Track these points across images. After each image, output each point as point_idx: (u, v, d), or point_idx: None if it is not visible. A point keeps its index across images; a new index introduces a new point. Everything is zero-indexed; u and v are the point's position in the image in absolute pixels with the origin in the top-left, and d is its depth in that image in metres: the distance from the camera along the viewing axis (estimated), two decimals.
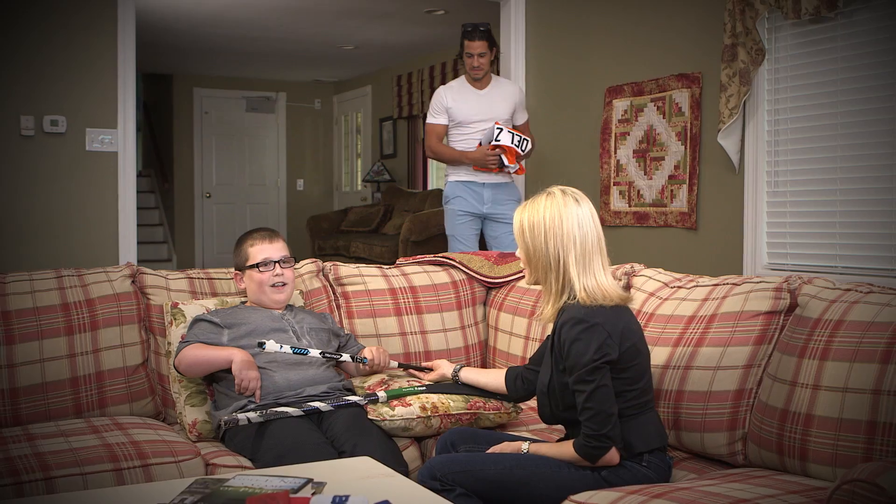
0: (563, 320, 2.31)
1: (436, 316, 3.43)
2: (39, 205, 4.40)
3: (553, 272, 2.34)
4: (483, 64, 4.84)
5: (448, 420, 2.76)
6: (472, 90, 4.92)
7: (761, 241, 4.00)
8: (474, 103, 4.89)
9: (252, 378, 2.73)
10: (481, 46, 4.83)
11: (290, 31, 8.08)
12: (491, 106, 4.88)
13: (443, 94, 4.95)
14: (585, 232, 2.33)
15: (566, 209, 2.33)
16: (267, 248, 3.01)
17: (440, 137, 4.98)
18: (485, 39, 4.82)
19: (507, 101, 4.91)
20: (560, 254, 2.32)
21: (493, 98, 4.91)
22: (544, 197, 2.38)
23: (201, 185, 10.93)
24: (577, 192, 2.40)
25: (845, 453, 2.16)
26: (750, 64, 3.87)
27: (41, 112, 4.38)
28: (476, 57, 4.83)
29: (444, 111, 4.92)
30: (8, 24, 4.29)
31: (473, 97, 4.90)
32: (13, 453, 2.43)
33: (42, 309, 2.92)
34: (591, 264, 2.33)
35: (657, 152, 4.48)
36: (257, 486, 1.95)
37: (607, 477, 2.28)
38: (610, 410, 2.25)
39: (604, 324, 2.27)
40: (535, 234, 2.35)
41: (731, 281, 2.72)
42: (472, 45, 4.84)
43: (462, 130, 4.91)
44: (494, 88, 4.95)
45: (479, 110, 4.87)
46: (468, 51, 4.86)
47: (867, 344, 2.21)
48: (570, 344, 2.27)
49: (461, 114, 4.88)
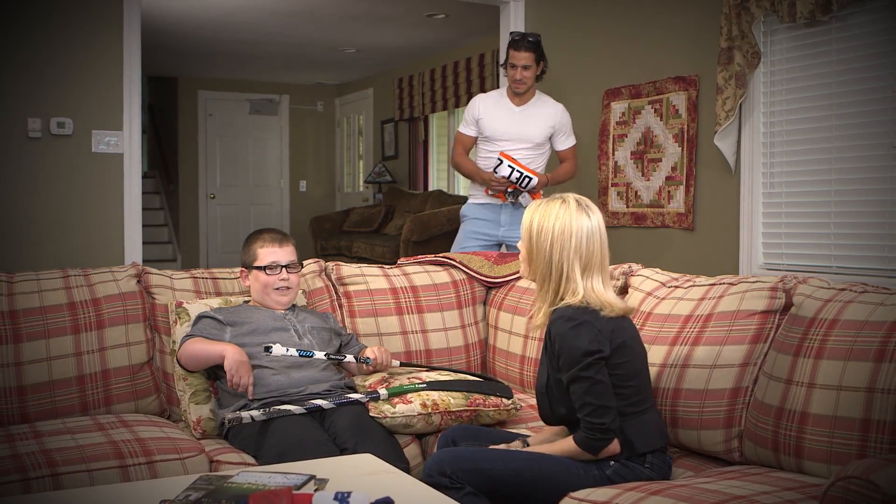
0: (553, 319, 2.34)
1: (436, 315, 3.46)
2: (46, 205, 4.42)
3: (551, 281, 2.36)
4: (526, 77, 4.39)
5: (448, 417, 2.79)
6: (509, 105, 4.49)
7: (757, 242, 4.02)
8: (506, 119, 4.47)
9: (243, 374, 2.74)
10: (527, 58, 4.37)
11: (292, 34, 8.10)
12: (523, 125, 4.45)
13: (477, 105, 4.56)
14: (592, 248, 2.34)
15: (577, 222, 2.34)
16: (277, 251, 3.02)
17: (466, 149, 4.59)
18: (532, 51, 4.38)
19: (543, 123, 4.47)
20: (563, 266, 2.33)
21: (527, 117, 4.47)
22: (559, 203, 2.37)
23: (206, 186, 10.96)
24: (591, 203, 2.40)
25: (840, 450, 2.18)
26: (746, 67, 3.89)
27: (48, 114, 4.40)
28: (520, 69, 4.38)
29: (475, 122, 4.52)
30: (15, 28, 4.32)
31: (506, 113, 4.49)
32: (20, 450, 2.45)
33: (49, 308, 2.95)
34: (591, 279, 2.34)
35: (654, 154, 4.50)
36: (261, 483, 1.96)
37: (611, 476, 2.30)
38: (609, 403, 2.27)
39: (592, 321, 2.29)
40: (541, 238, 2.36)
41: (727, 281, 2.74)
42: (516, 56, 4.39)
43: (488, 147, 4.52)
44: (533, 107, 4.50)
45: (510, 128, 4.46)
46: (512, 61, 4.41)
47: (861, 343, 2.23)
48: (560, 340, 2.30)
49: (489, 128, 4.48)
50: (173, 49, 8.81)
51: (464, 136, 4.59)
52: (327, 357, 2.85)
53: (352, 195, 11.29)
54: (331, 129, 11.71)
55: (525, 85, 4.41)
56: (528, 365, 3.30)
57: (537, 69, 4.44)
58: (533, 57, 4.38)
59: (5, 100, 4.32)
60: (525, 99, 4.48)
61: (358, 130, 11.24)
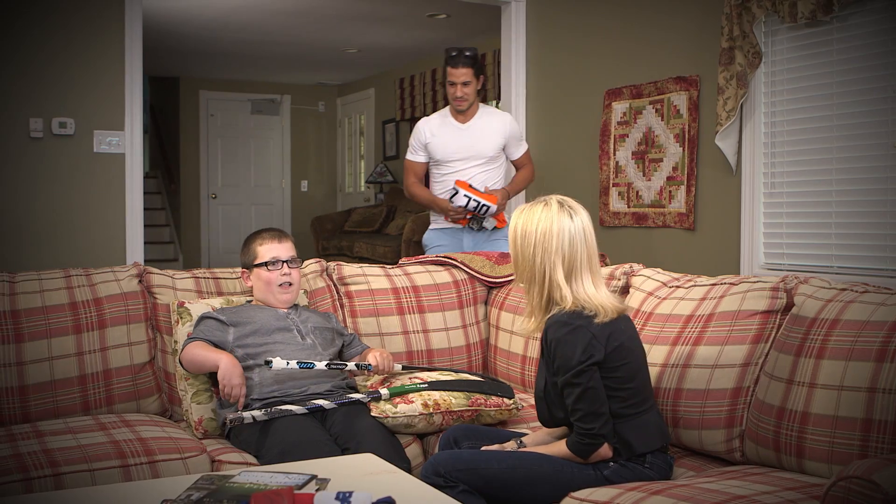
0: (549, 324, 2.33)
1: (438, 315, 3.46)
2: (48, 205, 4.43)
3: (537, 285, 2.35)
4: (467, 94, 4.28)
5: (450, 417, 2.79)
6: (454, 124, 4.37)
7: (758, 242, 4.02)
8: (454, 139, 4.34)
9: (235, 385, 2.74)
10: (466, 74, 4.26)
11: (294, 34, 8.11)
12: (473, 142, 4.33)
13: (422, 129, 4.43)
14: (575, 250, 2.32)
15: (558, 224, 2.32)
16: (276, 247, 3.03)
17: (419, 177, 4.48)
18: (470, 66, 4.26)
19: (493, 136, 4.36)
20: (546, 269, 2.33)
21: (476, 132, 4.35)
22: (541, 207, 2.37)
23: (207, 187, 10.97)
24: (575, 204, 2.38)
25: (841, 450, 2.18)
26: (747, 67, 3.89)
27: (50, 114, 4.41)
28: (459, 86, 4.27)
29: (423, 147, 4.42)
30: (16, 28, 4.33)
31: (453, 132, 4.36)
32: (22, 449, 2.46)
33: (50, 308, 2.95)
34: (579, 281, 2.32)
35: (656, 154, 4.50)
36: (262, 483, 1.96)
37: (610, 476, 2.30)
38: (600, 410, 2.27)
39: (587, 326, 2.29)
40: (525, 243, 2.36)
41: (728, 281, 2.74)
42: (455, 73, 4.27)
43: (441, 170, 4.41)
44: (479, 121, 4.38)
45: (460, 147, 4.33)
46: (451, 79, 4.29)
47: (862, 342, 2.23)
48: (555, 345, 2.29)
49: (439, 151, 4.36)
50: (175, 49, 8.82)
51: (414, 164, 4.48)
52: (328, 367, 2.84)
53: (353, 195, 11.30)
54: (332, 130, 11.72)
55: (467, 101, 4.31)
56: (529, 365, 3.30)
57: (477, 83, 4.33)
58: (472, 72, 4.28)
59: (7, 100, 4.33)
60: (469, 115, 4.38)
61: (359, 130, 11.25)
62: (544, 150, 5.27)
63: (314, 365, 2.80)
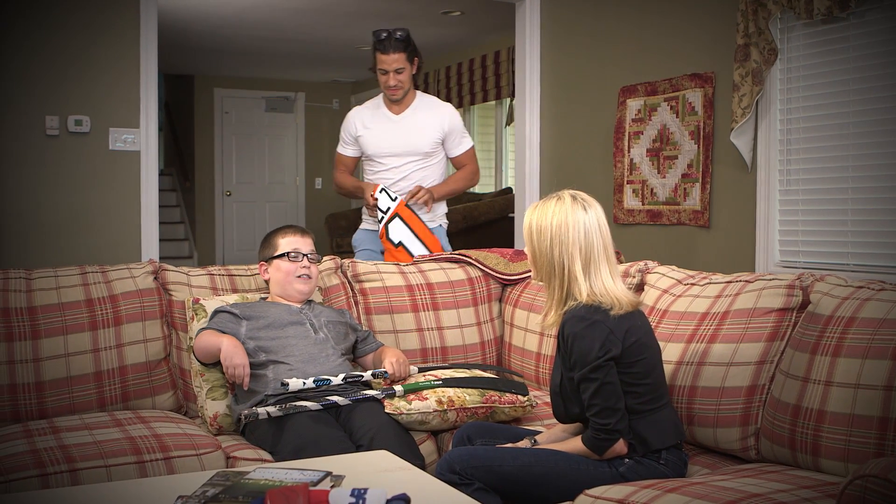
0: (566, 318, 2.34)
1: (452, 312, 3.46)
2: (64, 203, 4.46)
3: (557, 278, 2.36)
4: (401, 81, 3.82)
5: (464, 414, 2.79)
6: (387, 114, 3.94)
7: (773, 239, 4.00)
8: (387, 132, 3.92)
9: (237, 365, 2.74)
10: (398, 60, 3.79)
11: (308, 32, 8.12)
12: (407, 135, 3.90)
13: (352, 120, 3.98)
14: (591, 241, 2.34)
15: (573, 217, 2.34)
16: (298, 240, 3.07)
17: (348, 170, 4.07)
18: (402, 50, 3.79)
19: (428, 130, 3.92)
20: (565, 261, 2.34)
21: (411, 125, 3.92)
22: (554, 201, 2.39)
23: (222, 184, 11.01)
24: (588, 198, 2.40)
25: (857, 449, 2.17)
26: (762, 64, 3.87)
27: (66, 112, 4.43)
28: (392, 74, 3.81)
29: (354, 140, 4.00)
30: (33, 27, 4.36)
31: (386, 124, 3.93)
32: (39, 445, 2.47)
33: (67, 305, 2.97)
34: (597, 272, 2.34)
35: (670, 151, 4.49)
36: (277, 479, 1.97)
37: (625, 473, 2.30)
38: (616, 405, 2.27)
39: (605, 321, 2.29)
40: (541, 238, 2.37)
41: (743, 278, 2.73)
42: (385, 60, 3.79)
43: (374, 167, 3.98)
44: (417, 112, 3.94)
45: (392, 141, 3.91)
46: (381, 66, 3.81)
47: (879, 341, 2.22)
48: (573, 340, 2.30)
49: (371, 145, 3.93)
50: (189, 47, 8.86)
51: (344, 157, 4.08)
52: (344, 381, 2.81)
53: None
54: None
55: (401, 89, 3.86)
56: (543, 362, 3.30)
57: (412, 68, 3.86)
58: (404, 57, 3.81)
59: (24, 98, 4.36)
60: (405, 104, 3.93)
61: None
62: (558, 148, 5.26)
63: (331, 381, 2.79)
